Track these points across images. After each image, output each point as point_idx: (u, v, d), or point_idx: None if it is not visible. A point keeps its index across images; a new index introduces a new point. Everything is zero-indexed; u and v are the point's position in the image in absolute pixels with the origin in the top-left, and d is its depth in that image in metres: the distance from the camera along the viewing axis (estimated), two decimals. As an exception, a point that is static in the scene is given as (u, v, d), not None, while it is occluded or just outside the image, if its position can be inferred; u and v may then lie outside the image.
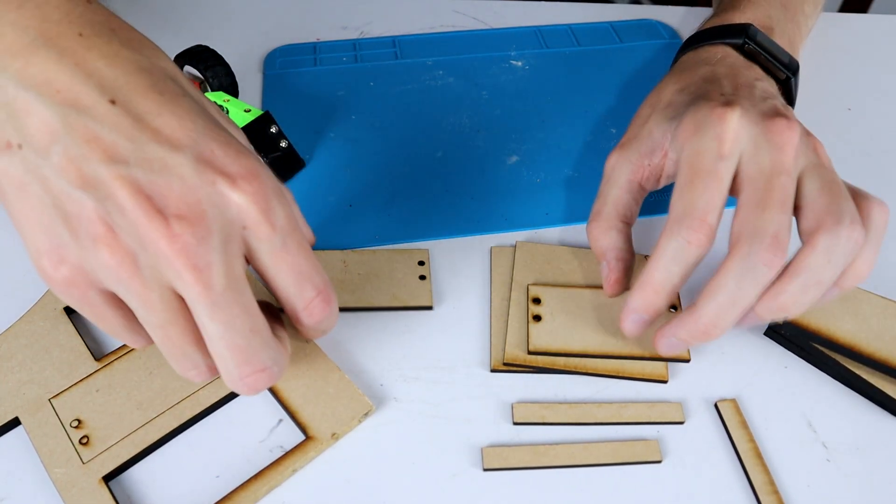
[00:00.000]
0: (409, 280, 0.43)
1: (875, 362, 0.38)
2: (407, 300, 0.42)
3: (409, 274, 0.43)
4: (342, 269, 0.43)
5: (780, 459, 0.36)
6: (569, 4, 0.68)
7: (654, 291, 0.36)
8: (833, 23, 0.65)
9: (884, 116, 0.57)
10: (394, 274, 0.43)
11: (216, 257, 0.26)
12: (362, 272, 0.42)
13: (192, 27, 0.64)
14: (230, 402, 0.38)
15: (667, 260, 0.35)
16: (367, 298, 0.41)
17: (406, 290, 0.42)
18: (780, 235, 0.33)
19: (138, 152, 0.26)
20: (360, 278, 0.42)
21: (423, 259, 0.44)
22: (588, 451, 0.36)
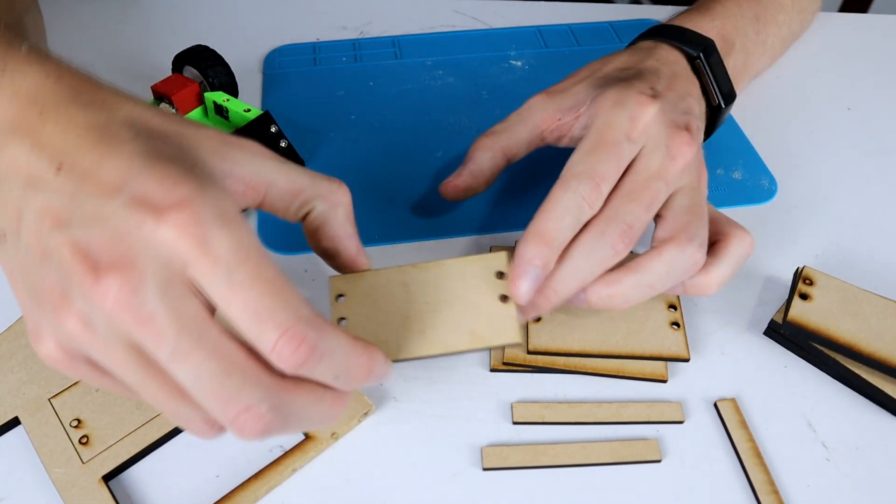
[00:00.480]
0: (489, 303, 0.33)
1: (875, 362, 0.38)
2: (489, 337, 0.32)
3: (489, 294, 0.33)
4: (404, 296, 0.33)
5: (780, 459, 0.36)
6: (569, 4, 0.68)
7: (545, 241, 0.34)
8: (833, 23, 0.65)
9: (884, 116, 0.57)
10: (468, 295, 0.33)
11: (157, 304, 0.24)
12: (430, 300, 0.33)
13: (192, 27, 0.64)
14: (230, 401, 0.38)
15: (560, 211, 0.34)
16: (440, 341, 0.32)
17: (487, 321, 0.32)
18: (635, 228, 0.35)
19: (79, 210, 0.25)
20: (427, 309, 0.32)
21: (502, 268, 0.34)
22: (588, 451, 0.36)
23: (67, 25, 0.63)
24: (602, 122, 0.37)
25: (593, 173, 0.35)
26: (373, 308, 0.32)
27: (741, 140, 0.54)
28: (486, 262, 0.34)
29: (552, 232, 0.34)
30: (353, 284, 0.33)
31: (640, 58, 0.42)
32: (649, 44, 0.44)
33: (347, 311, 0.32)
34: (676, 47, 0.43)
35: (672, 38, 0.44)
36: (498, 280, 0.33)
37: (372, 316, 0.32)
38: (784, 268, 0.45)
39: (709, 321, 0.42)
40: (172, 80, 0.50)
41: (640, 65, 0.41)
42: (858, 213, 0.49)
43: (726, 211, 0.49)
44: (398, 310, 0.32)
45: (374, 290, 0.32)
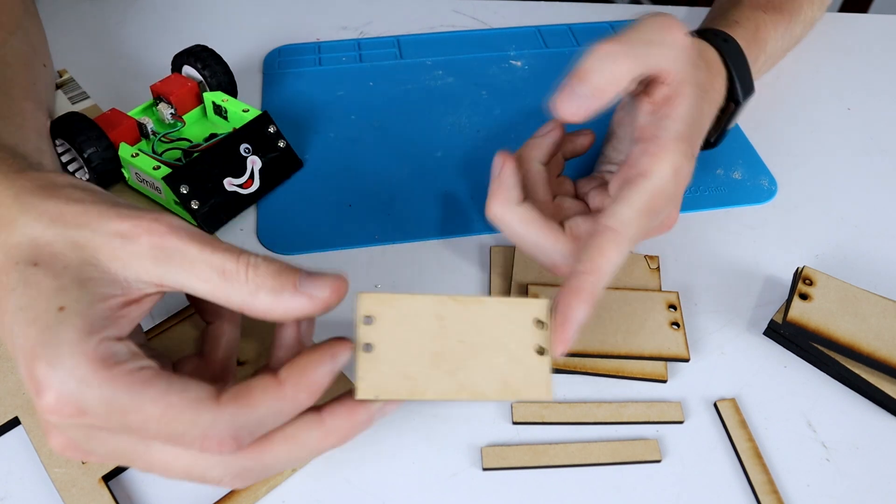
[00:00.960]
0: (525, 354, 0.31)
1: (874, 362, 0.38)
2: (520, 390, 0.30)
3: (525, 343, 0.31)
4: (437, 330, 0.30)
5: (780, 459, 0.36)
6: (569, 4, 0.68)
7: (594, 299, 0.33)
8: (833, 23, 0.65)
9: (884, 116, 0.57)
10: (505, 341, 0.31)
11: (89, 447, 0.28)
12: (465, 339, 0.30)
13: (192, 27, 0.64)
14: (230, 401, 0.38)
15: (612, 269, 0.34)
16: (470, 386, 0.30)
17: (520, 371, 0.31)
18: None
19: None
20: (461, 349, 0.30)
21: (542, 316, 0.31)
22: (587, 451, 0.36)
23: (67, 25, 0.63)
24: (660, 184, 0.35)
25: (639, 238, 0.35)
26: (403, 338, 0.30)
27: (741, 140, 0.54)
28: (527, 307, 0.32)
29: (601, 291, 0.33)
30: (384, 307, 0.30)
31: (709, 84, 0.42)
32: (718, 66, 0.44)
33: (375, 336, 0.30)
34: (731, 83, 0.45)
35: (738, 71, 0.45)
36: (536, 329, 0.31)
37: (401, 347, 0.30)
38: (784, 268, 0.45)
39: (709, 321, 0.42)
40: (172, 80, 0.50)
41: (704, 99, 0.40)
42: (858, 213, 0.49)
43: (726, 211, 0.49)
44: (430, 344, 0.30)
45: (407, 319, 0.30)
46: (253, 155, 0.47)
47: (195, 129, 0.51)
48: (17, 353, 0.27)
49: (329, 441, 0.29)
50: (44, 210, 0.28)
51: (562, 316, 0.32)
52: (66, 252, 0.28)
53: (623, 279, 0.43)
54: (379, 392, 0.29)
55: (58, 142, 0.46)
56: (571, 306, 0.32)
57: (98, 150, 0.45)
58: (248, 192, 0.47)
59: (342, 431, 0.29)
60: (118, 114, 0.48)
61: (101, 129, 0.45)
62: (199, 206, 0.44)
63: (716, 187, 0.50)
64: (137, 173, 0.46)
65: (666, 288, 0.44)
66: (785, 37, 0.54)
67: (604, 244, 0.34)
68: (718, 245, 0.47)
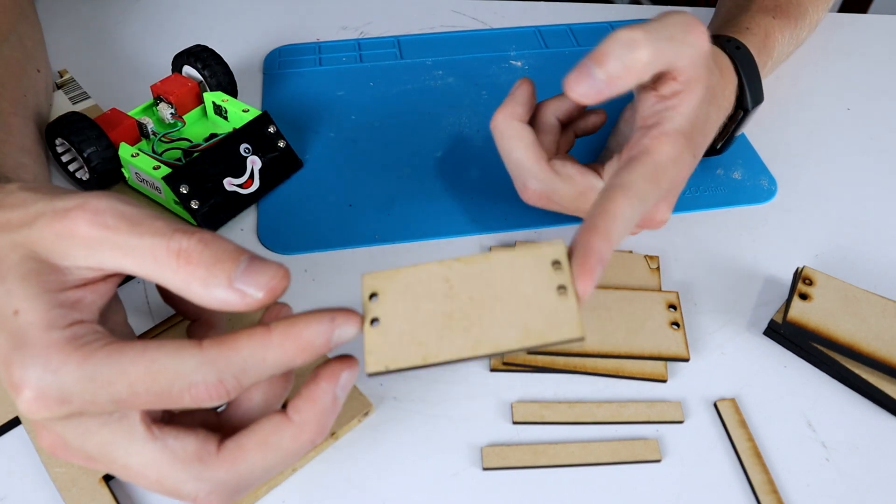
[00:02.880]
0: (544, 297, 0.29)
1: (874, 362, 0.38)
2: (546, 332, 0.28)
3: (543, 286, 0.29)
4: (445, 291, 0.29)
5: (780, 459, 0.36)
6: (569, 4, 0.68)
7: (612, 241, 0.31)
8: (833, 23, 0.65)
9: (884, 116, 0.57)
10: (520, 288, 0.29)
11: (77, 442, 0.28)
12: (475, 294, 0.29)
13: (192, 27, 0.64)
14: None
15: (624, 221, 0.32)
16: (488, 339, 0.28)
17: (543, 315, 0.28)
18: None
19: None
20: (472, 305, 0.29)
21: (559, 256, 0.29)
22: (587, 451, 0.36)
23: (67, 25, 0.63)
24: (662, 161, 0.35)
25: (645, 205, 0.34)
26: (410, 307, 0.29)
27: (741, 140, 0.54)
28: (540, 251, 0.29)
29: (616, 239, 0.31)
30: (388, 282, 0.29)
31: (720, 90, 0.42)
32: (730, 73, 0.44)
33: (381, 310, 0.29)
34: (741, 90, 0.45)
35: (748, 79, 0.45)
36: (553, 271, 0.29)
37: (409, 316, 0.29)
38: (784, 268, 0.45)
39: (709, 321, 0.42)
40: (172, 80, 0.50)
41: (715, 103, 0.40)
42: (858, 213, 0.49)
43: (726, 211, 0.49)
44: (439, 307, 0.29)
45: (412, 287, 0.29)
46: (253, 155, 0.47)
47: (195, 129, 0.51)
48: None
49: (304, 436, 0.28)
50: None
51: (582, 248, 0.30)
52: (8, 254, 0.28)
53: (623, 279, 0.43)
54: (389, 362, 0.28)
55: (58, 142, 0.47)
56: (591, 240, 0.30)
57: (98, 150, 0.45)
58: (248, 192, 0.47)
59: (312, 422, 0.28)
60: (118, 114, 0.48)
61: (101, 129, 0.45)
62: (198, 205, 0.44)
63: (716, 187, 0.50)
64: (137, 173, 0.46)
65: (666, 288, 0.44)
66: (791, 41, 0.54)
67: (615, 195, 0.32)
68: (718, 245, 0.47)
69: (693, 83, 0.37)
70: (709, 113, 0.40)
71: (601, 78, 0.34)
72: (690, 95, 0.37)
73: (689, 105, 0.37)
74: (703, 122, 0.39)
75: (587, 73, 0.35)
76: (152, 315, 0.42)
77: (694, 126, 0.38)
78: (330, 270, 0.45)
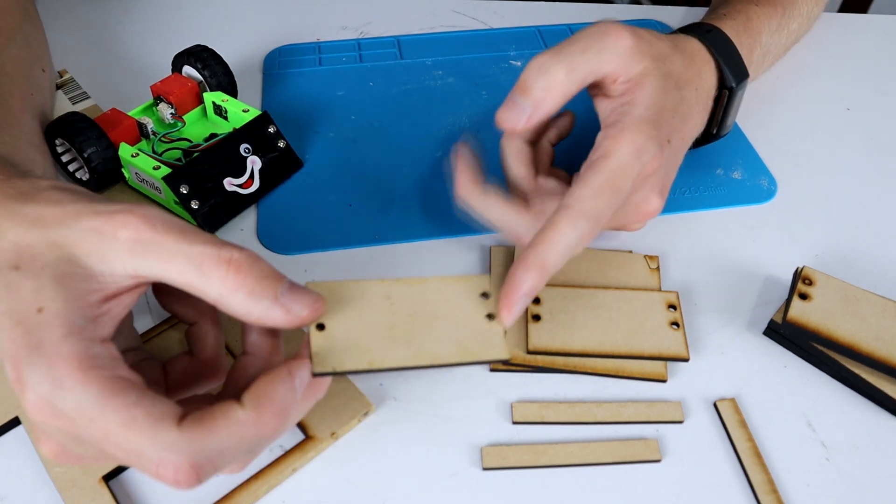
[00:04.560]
0: (475, 321, 0.33)
1: (874, 362, 0.38)
2: (478, 351, 0.32)
3: (474, 311, 0.33)
4: (387, 307, 0.32)
5: (780, 459, 0.36)
6: (569, 4, 0.68)
7: (545, 272, 0.34)
8: (833, 23, 0.65)
9: (884, 116, 0.57)
10: (453, 311, 0.33)
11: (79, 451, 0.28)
12: (414, 312, 0.32)
13: (192, 27, 0.64)
14: (230, 401, 0.38)
15: (563, 246, 0.34)
16: (427, 351, 0.31)
17: (474, 336, 0.32)
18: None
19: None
20: (412, 321, 0.32)
21: (487, 290, 0.34)
22: (587, 451, 0.36)
23: (67, 25, 0.63)
24: (619, 163, 0.36)
25: (599, 216, 0.35)
26: (354, 316, 0.31)
27: (741, 140, 0.54)
28: (470, 283, 0.34)
29: (552, 264, 0.34)
30: (332, 292, 0.32)
31: (689, 78, 0.42)
32: (703, 55, 0.44)
33: (327, 318, 0.31)
34: (720, 71, 0.45)
35: (724, 58, 0.45)
36: (482, 301, 0.33)
37: (354, 324, 0.31)
38: (784, 268, 0.45)
39: (708, 321, 0.42)
40: (172, 80, 0.51)
41: (685, 89, 0.41)
42: (858, 213, 0.49)
43: (726, 211, 0.49)
44: (382, 320, 0.31)
45: (355, 300, 0.32)
46: (253, 155, 0.47)
47: (195, 129, 0.51)
48: (4, 357, 0.27)
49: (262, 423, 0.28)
50: (24, 214, 0.29)
51: (509, 282, 0.34)
52: (44, 252, 0.28)
53: (623, 279, 0.43)
54: (335, 364, 0.30)
55: (58, 142, 0.47)
56: (517, 273, 0.34)
57: (98, 150, 0.45)
58: (248, 192, 0.47)
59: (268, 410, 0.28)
60: (118, 114, 0.48)
61: (101, 129, 0.45)
62: (199, 206, 0.44)
63: (716, 187, 0.50)
64: (137, 173, 0.46)
65: (666, 288, 0.44)
66: (781, 31, 0.54)
67: (557, 219, 0.35)
68: (718, 245, 0.47)
69: (640, 76, 0.38)
70: (682, 97, 0.40)
71: (527, 104, 0.38)
72: (643, 86, 0.38)
73: (644, 94, 0.38)
74: (675, 105, 0.40)
75: (514, 104, 0.38)
76: (152, 315, 0.42)
77: (660, 112, 0.38)
78: (330, 270, 0.45)
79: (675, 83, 0.40)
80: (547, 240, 0.34)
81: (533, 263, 0.34)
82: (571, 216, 0.35)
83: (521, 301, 0.33)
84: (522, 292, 0.33)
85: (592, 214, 0.35)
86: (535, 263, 0.34)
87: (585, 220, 0.35)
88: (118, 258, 0.28)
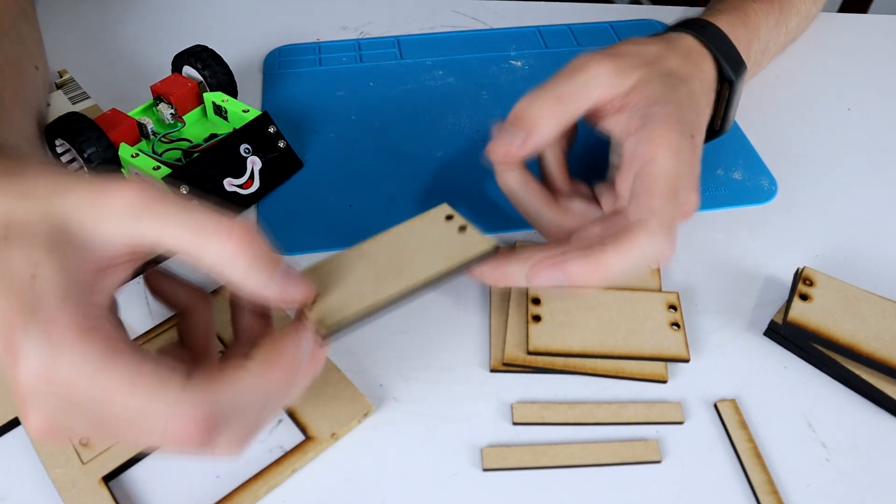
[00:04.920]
0: (450, 236, 0.35)
1: (874, 362, 0.38)
2: (465, 252, 0.34)
3: (446, 232, 0.35)
4: (366, 262, 0.34)
5: (780, 459, 0.36)
6: (569, 4, 0.68)
7: (600, 277, 0.34)
8: (833, 23, 0.65)
9: (884, 116, 0.57)
10: (427, 238, 0.35)
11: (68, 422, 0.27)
12: (392, 254, 0.34)
13: (192, 27, 0.64)
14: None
15: (634, 258, 0.35)
16: (419, 273, 0.33)
17: (456, 246, 0.34)
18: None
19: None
20: (393, 261, 0.33)
21: (450, 213, 0.36)
22: (588, 452, 0.36)
23: (67, 25, 0.63)
24: (669, 167, 0.36)
25: (672, 225, 0.35)
26: (338, 282, 0.32)
27: (741, 140, 0.54)
28: (431, 214, 0.35)
29: (613, 273, 0.34)
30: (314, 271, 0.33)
31: (691, 71, 0.42)
32: (698, 49, 0.44)
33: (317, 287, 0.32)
34: (718, 63, 0.44)
35: (720, 50, 0.44)
36: (449, 222, 0.35)
37: (341, 286, 0.32)
38: (784, 268, 0.45)
39: (709, 321, 0.42)
40: (172, 80, 0.50)
41: (690, 82, 0.41)
42: (859, 213, 0.49)
43: (726, 211, 0.49)
44: (365, 273, 0.33)
45: (334, 271, 0.33)
46: (253, 155, 0.47)
47: (195, 130, 0.51)
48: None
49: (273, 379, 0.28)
50: (13, 187, 0.28)
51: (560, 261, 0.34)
52: (35, 222, 0.27)
53: (623, 279, 0.43)
54: (339, 319, 0.30)
55: (58, 142, 0.46)
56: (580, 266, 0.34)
57: (98, 150, 0.45)
58: (248, 193, 0.47)
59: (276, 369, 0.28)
60: (118, 114, 0.48)
61: (101, 129, 0.45)
62: (199, 206, 0.44)
63: (716, 187, 0.50)
64: (137, 173, 0.46)
65: (666, 288, 0.44)
66: (780, 28, 0.54)
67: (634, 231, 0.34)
68: (719, 245, 0.47)
69: (638, 84, 0.39)
70: (690, 90, 0.40)
71: (520, 131, 0.38)
72: (647, 89, 0.39)
73: (654, 94, 0.38)
74: (688, 99, 0.40)
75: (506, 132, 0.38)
76: (152, 316, 0.42)
77: (677, 107, 0.38)
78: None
79: (678, 79, 0.40)
80: (622, 247, 0.34)
81: (593, 260, 0.34)
82: (650, 228, 0.34)
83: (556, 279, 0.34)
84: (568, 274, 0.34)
85: (668, 222, 0.35)
86: (597, 265, 0.34)
87: (664, 231, 0.35)
88: (113, 223, 0.27)
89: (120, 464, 0.35)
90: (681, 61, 0.42)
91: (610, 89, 0.39)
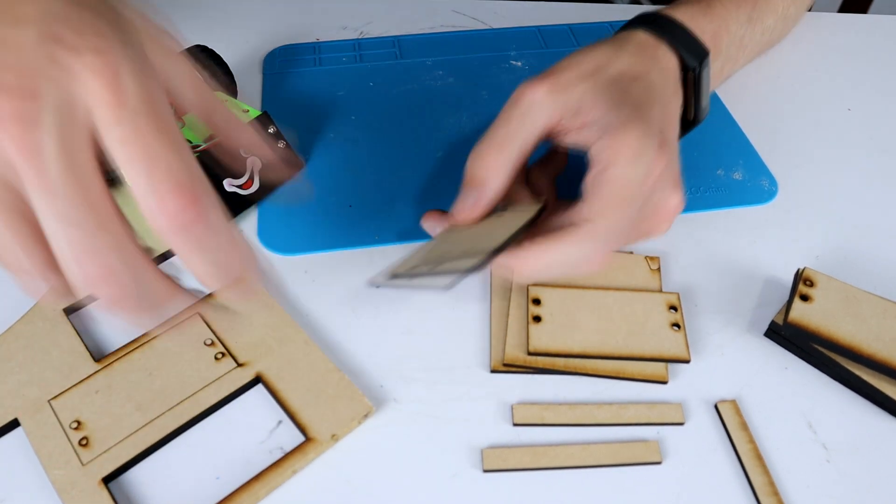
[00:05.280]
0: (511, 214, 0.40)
1: (875, 363, 0.38)
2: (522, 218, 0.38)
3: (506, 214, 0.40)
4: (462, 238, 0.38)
5: (780, 460, 0.36)
6: (569, 4, 0.68)
7: (531, 267, 0.36)
8: (833, 23, 0.65)
9: (884, 116, 0.57)
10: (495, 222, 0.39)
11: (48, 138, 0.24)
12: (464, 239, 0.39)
13: (192, 27, 0.63)
14: (230, 403, 0.38)
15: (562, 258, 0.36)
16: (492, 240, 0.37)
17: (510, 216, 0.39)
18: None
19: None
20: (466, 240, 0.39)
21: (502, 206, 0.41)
22: (588, 453, 0.36)
23: (67, 25, 0.63)
24: (622, 174, 0.36)
25: (615, 239, 0.37)
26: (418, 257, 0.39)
27: (741, 140, 0.54)
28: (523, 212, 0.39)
29: (544, 266, 0.36)
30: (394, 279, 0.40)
31: (645, 66, 0.41)
32: (652, 41, 0.43)
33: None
34: (676, 52, 0.43)
35: (675, 39, 0.43)
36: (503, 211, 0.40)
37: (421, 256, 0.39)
38: (784, 269, 0.45)
39: (709, 322, 0.42)
40: (172, 81, 0.50)
41: (646, 77, 0.40)
42: (859, 214, 0.49)
43: (727, 212, 0.49)
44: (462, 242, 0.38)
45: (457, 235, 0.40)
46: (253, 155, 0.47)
47: (195, 130, 0.51)
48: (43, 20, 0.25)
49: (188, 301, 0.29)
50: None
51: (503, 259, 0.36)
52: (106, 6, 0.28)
53: (623, 280, 0.43)
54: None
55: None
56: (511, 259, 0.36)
57: (98, 151, 0.45)
58: (248, 193, 0.47)
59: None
60: (118, 114, 0.48)
61: (100, 130, 0.45)
62: (198, 206, 0.44)
63: (716, 188, 0.50)
64: (137, 174, 0.46)
65: (666, 289, 0.44)
66: (753, 24, 0.52)
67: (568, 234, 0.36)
68: (719, 246, 0.47)
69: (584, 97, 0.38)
70: (647, 85, 0.40)
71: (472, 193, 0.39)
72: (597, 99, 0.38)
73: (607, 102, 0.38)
74: (646, 95, 0.39)
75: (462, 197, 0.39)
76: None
77: (636, 107, 0.38)
78: (330, 271, 0.45)
79: (630, 78, 0.39)
80: (549, 244, 0.36)
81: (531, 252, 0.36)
82: (581, 232, 0.35)
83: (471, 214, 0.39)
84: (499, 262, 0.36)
85: (607, 233, 0.35)
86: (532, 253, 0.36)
87: (597, 238, 0.35)
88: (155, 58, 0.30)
89: (120, 465, 0.35)
90: (632, 59, 0.41)
91: (553, 111, 0.38)
